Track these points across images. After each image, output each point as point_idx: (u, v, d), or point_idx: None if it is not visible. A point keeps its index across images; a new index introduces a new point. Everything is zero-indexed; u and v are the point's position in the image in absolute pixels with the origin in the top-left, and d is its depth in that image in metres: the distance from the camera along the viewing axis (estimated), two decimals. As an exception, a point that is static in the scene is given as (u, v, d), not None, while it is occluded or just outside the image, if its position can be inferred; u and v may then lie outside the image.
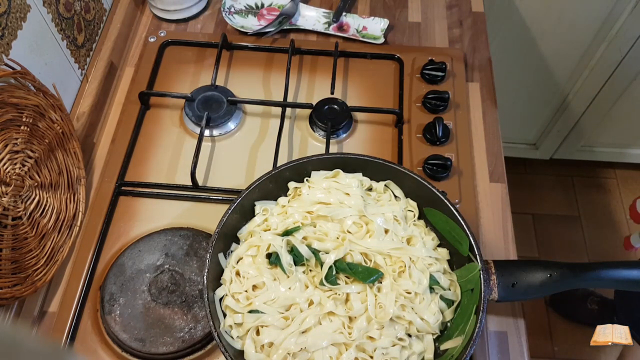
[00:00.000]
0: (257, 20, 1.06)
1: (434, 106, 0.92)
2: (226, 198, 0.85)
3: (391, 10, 1.09)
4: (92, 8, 0.98)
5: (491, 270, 0.66)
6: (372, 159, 0.73)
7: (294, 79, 0.98)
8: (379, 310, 0.63)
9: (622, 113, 1.66)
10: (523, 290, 0.65)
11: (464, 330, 0.64)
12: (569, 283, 0.65)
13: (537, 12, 1.39)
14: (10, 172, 0.70)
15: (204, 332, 0.72)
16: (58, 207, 0.79)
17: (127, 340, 0.72)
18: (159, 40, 1.02)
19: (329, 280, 0.65)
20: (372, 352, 0.62)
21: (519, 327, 0.77)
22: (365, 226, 0.68)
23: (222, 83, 0.98)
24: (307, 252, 0.66)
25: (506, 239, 0.83)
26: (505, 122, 1.00)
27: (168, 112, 0.95)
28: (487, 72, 1.00)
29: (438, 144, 0.89)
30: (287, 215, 0.70)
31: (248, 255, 0.68)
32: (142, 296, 0.75)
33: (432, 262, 0.68)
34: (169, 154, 0.90)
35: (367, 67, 1.00)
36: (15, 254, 0.71)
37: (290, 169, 0.73)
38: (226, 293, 0.66)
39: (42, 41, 0.83)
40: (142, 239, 0.79)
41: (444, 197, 0.69)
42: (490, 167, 0.89)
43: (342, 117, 0.91)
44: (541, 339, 1.71)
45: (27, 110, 0.73)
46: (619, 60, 1.47)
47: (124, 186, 0.86)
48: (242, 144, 0.92)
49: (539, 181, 2.01)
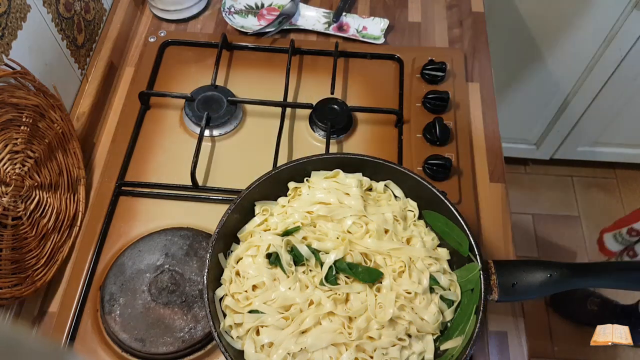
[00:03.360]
0: (257, 20, 1.06)
1: (434, 106, 0.92)
2: (226, 198, 0.85)
3: (391, 10, 1.09)
4: (92, 8, 0.98)
5: (491, 270, 0.66)
6: (372, 159, 0.73)
7: (294, 79, 0.98)
8: (378, 310, 0.63)
9: (622, 113, 1.66)
10: (523, 290, 0.65)
11: (464, 330, 0.64)
12: (569, 283, 0.65)
13: (536, 12, 1.39)
14: (10, 172, 0.70)
15: (204, 332, 0.72)
16: (58, 207, 0.79)
17: (127, 340, 0.72)
18: (159, 40, 1.02)
19: (329, 280, 0.65)
20: (372, 352, 0.62)
21: (519, 327, 0.77)
22: (365, 226, 0.68)
23: (222, 83, 0.98)
24: (307, 252, 0.66)
25: (506, 239, 0.83)
26: (505, 122, 1.00)
27: (168, 112, 0.95)
28: (487, 72, 1.00)
29: (438, 144, 0.89)
30: (287, 215, 0.70)
31: (248, 255, 0.68)
32: (142, 296, 0.75)
33: (432, 262, 0.68)
34: (169, 154, 0.90)
35: (367, 67, 1.00)
36: (15, 254, 0.71)
37: (290, 169, 0.73)
38: (226, 293, 0.66)
39: (42, 41, 0.83)
40: (142, 239, 0.79)
41: (444, 197, 0.69)
42: (490, 167, 0.89)
43: (342, 117, 0.90)
44: (541, 339, 1.71)
45: (27, 110, 0.73)
46: (619, 61, 1.47)
47: (124, 186, 0.86)
48: (242, 144, 0.92)
49: (539, 181, 2.01)
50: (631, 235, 1.47)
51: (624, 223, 1.49)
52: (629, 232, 1.47)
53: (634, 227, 1.46)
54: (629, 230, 1.47)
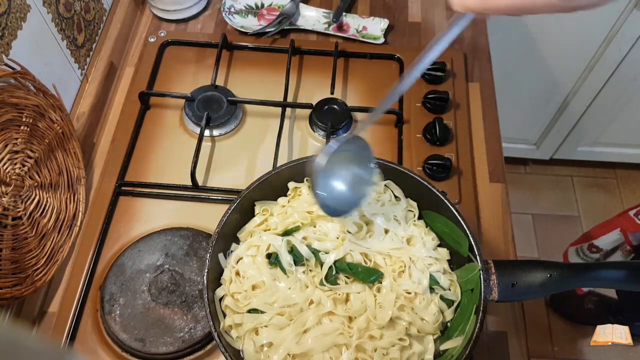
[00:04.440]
0: (257, 20, 1.06)
1: (434, 106, 0.92)
2: (226, 198, 0.85)
3: (391, 10, 1.09)
4: (92, 8, 0.98)
5: (491, 271, 0.66)
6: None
7: (294, 79, 0.98)
8: (378, 310, 0.63)
9: (622, 113, 1.66)
10: (523, 290, 0.65)
11: (463, 330, 0.64)
12: (569, 283, 0.65)
13: (537, 12, 1.39)
14: (10, 172, 0.70)
15: (204, 332, 0.72)
16: (58, 207, 0.79)
17: (127, 340, 0.72)
18: (159, 40, 1.02)
19: (329, 280, 0.65)
20: (372, 352, 0.62)
21: (519, 327, 0.77)
22: (365, 226, 0.68)
23: (222, 83, 0.98)
24: (307, 252, 0.66)
25: (506, 239, 0.83)
26: (505, 122, 1.00)
27: (168, 112, 0.95)
28: (487, 72, 1.00)
29: (438, 144, 0.89)
30: (287, 215, 0.70)
31: (248, 255, 0.68)
32: (142, 296, 0.75)
33: (432, 262, 0.68)
34: (169, 154, 0.90)
35: (367, 67, 1.00)
36: (15, 254, 0.71)
37: (290, 169, 0.73)
38: (226, 293, 0.66)
39: (42, 41, 0.83)
40: (142, 239, 0.79)
41: (444, 197, 0.69)
42: (490, 167, 0.89)
43: (342, 117, 0.90)
44: (541, 339, 1.71)
45: (27, 110, 0.73)
46: (619, 61, 1.47)
47: (124, 186, 0.86)
48: (242, 144, 0.92)
49: (539, 181, 2.01)
50: (591, 251, 1.47)
51: (586, 238, 1.48)
52: (589, 247, 1.47)
53: (593, 243, 1.45)
54: (589, 246, 1.46)
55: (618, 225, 1.38)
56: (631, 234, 1.34)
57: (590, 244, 1.46)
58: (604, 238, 1.42)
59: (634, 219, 1.32)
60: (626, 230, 1.35)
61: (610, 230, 1.40)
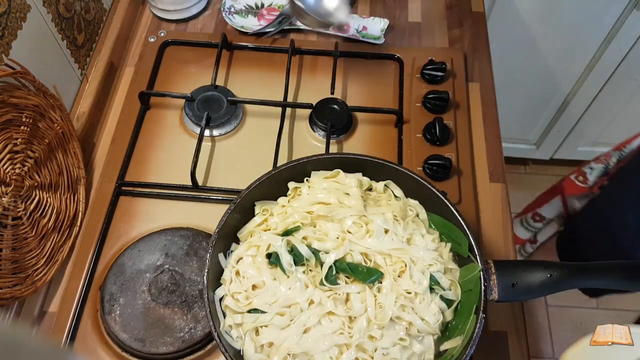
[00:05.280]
0: (257, 20, 1.06)
1: (434, 106, 0.92)
2: (226, 198, 0.85)
3: (391, 10, 1.09)
4: (92, 8, 0.98)
5: (491, 271, 0.66)
6: (372, 159, 0.73)
7: (294, 79, 0.98)
8: (378, 311, 0.63)
9: (622, 113, 1.66)
10: (523, 290, 0.65)
11: (463, 330, 0.64)
12: (569, 283, 0.65)
13: (537, 12, 1.39)
14: (10, 172, 0.70)
15: (204, 332, 0.72)
16: (58, 207, 0.79)
17: (127, 340, 0.72)
18: (159, 40, 1.02)
19: (329, 280, 0.65)
20: (373, 352, 0.62)
21: (519, 327, 0.77)
22: (365, 226, 0.68)
23: (222, 83, 0.98)
24: (307, 252, 0.66)
25: (506, 239, 0.83)
26: (505, 122, 1.00)
27: (168, 112, 0.95)
28: (487, 72, 1.00)
29: (438, 144, 0.89)
30: (287, 215, 0.70)
31: (248, 255, 0.68)
32: (142, 296, 0.75)
33: (433, 262, 0.68)
34: (169, 154, 0.90)
35: (367, 67, 1.00)
36: (15, 254, 0.71)
37: (290, 169, 0.73)
38: (226, 293, 0.66)
39: (42, 41, 0.83)
40: (142, 239, 0.79)
41: (444, 197, 0.69)
42: (490, 167, 0.90)
43: (342, 117, 0.91)
44: (541, 339, 1.71)
45: (27, 111, 0.73)
46: (619, 61, 1.47)
47: (124, 186, 0.86)
48: (242, 144, 0.92)
49: (539, 181, 2.00)
50: (535, 220, 1.43)
51: (530, 208, 1.45)
52: (534, 216, 1.44)
53: (537, 211, 1.41)
54: (534, 215, 1.43)
55: (560, 191, 1.34)
56: (570, 196, 1.31)
57: (534, 213, 1.42)
58: (546, 206, 1.39)
59: (574, 181, 1.29)
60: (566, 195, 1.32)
61: (552, 197, 1.37)
